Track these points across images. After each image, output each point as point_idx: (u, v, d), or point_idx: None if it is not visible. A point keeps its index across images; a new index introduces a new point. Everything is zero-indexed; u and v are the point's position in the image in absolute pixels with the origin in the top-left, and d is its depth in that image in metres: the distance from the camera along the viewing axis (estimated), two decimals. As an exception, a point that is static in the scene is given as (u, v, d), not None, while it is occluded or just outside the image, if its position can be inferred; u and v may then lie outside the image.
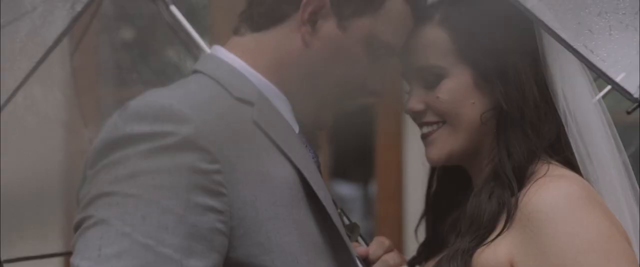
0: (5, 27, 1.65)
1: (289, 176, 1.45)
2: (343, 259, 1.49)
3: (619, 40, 1.33)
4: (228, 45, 1.57)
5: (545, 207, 1.48)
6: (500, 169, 1.56)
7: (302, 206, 1.46)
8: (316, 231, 1.46)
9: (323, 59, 1.53)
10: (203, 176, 1.33)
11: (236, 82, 1.50)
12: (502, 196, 1.54)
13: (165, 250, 1.30)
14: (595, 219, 1.48)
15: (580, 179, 1.54)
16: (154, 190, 1.31)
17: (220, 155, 1.35)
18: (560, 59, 1.57)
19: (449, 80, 1.60)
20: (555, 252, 1.45)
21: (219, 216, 1.34)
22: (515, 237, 1.50)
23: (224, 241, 1.35)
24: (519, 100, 1.57)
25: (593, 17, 1.35)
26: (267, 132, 1.46)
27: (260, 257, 1.38)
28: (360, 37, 1.54)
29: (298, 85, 1.54)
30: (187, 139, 1.33)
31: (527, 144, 1.56)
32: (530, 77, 1.58)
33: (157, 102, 1.36)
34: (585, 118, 1.57)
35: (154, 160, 1.32)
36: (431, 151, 1.64)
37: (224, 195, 1.35)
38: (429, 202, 1.75)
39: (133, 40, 3.94)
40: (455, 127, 1.61)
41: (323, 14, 1.52)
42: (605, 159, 1.57)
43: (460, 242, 1.54)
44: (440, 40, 1.60)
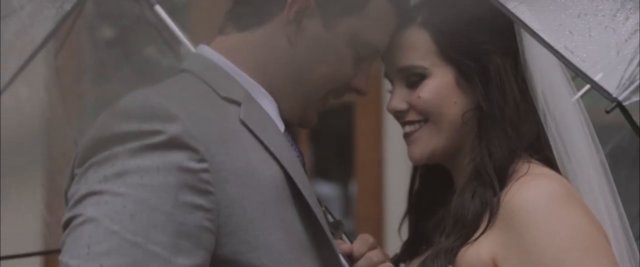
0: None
1: (275, 174, 1.47)
2: (327, 256, 1.51)
3: (598, 41, 1.36)
4: (214, 44, 1.58)
5: (527, 206, 1.50)
6: (481, 168, 1.59)
7: (288, 204, 1.48)
8: (301, 229, 1.48)
9: (308, 58, 1.55)
10: (191, 175, 1.35)
11: (223, 81, 1.52)
12: (484, 195, 1.56)
13: (154, 248, 1.31)
14: (576, 216, 1.51)
15: (560, 178, 1.57)
16: (142, 188, 1.32)
17: (207, 154, 1.37)
18: (540, 59, 1.60)
19: (431, 80, 1.63)
20: (537, 249, 1.48)
21: (206, 214, 1.36)
22: (498, 235, 1.52)
23: (211, 238, 1.37)
24: (499, 100, 1.60)
25: (573, 19, 1.38)
26: (254, 131, 1.48)
27: (247, 255, 1.40)
28: (344, 36, 1.56)
29: (283, 84, 1.56)
30: (175, 138, 1.34)
31: (508, 143, 1.59)
32: (510, 78, 1.61)
33: (146, 101, 1.37)
34: (564, 117, 1.60)
35: (143, 158, 1.33)
36: (414, 150, 1.66)
37: (212, 193, 1.37)
38: (412, 201, 1.77)
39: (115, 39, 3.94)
40: (437, 126, 1.64)
41: (308, 13, 1.54)
42: (583, 158, 1.60)
43: (444, 241, 1.57)
44: (422, 40, 1.63)
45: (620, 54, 1.33)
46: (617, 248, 1.59)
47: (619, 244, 1.60)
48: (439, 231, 1.61)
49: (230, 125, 1.45)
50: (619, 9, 1.36)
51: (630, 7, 1.36)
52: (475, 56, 1.61)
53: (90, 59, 3.86)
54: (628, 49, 1.33)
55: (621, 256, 1.60)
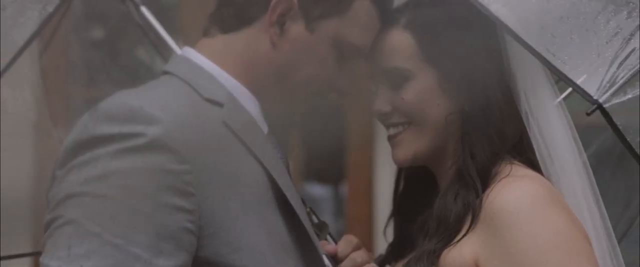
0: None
1: (258, 176, 1.47)
2: (311, 258, 1.52)
3: (580, 44, 1.36)
4: (198, 46, 1.59)
5: (508, 207, 1.51)
6: (464, 170, 1.59)
7: (271, 205, 1.48)
8: (284, 230, 1.48)
9: (291, 60, 1.56)
10: (172, 177, 1.35)
11: (206, 83, 1.52)
12: (467, 197, 1.57)
13: (135, 249, 1.31)
14: (557, 218, 1.51)
15: (543, 179, 1.58)
16: (123, 190, 1.32)
17: (189, 156, 1.37)
18: (522, 62, 1.60)
19: (414, 82, 1.63)
20: (518, 251, 1.48)
21: (188, 216, 1.36)
22: (480, 237, 1.53)
23: (192, 240, 1.37)
24: (482, 102, 1.60)
25: (555, 22, 1.38)
26: (237, 132, 1.48)
27: (228, 256, 1.40)
28: (327, 38, 1.56)
29: (267, 86, 1.57)
30: (156, 140, 1.35)
31: (491, 145, 1.59)
32: (493, 80, 1.61)
33: (127, 103, 1.37)
34: (547, 119, 1.61)
35: (124, 160, 1.33)
36: (397, 152, 1.67)
37: (193, 195, 1.37)
38: (397, 203, 1.78)
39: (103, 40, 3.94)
40: (420, 129, 1.64)
41: (291, 15, 1.54)
42: (565, 160, 1.61)
43: (427, 243, 1.57)
44: (405, 43, 1.63)
45: (601, 56, 1.34)
46: (600, 250, 1.60)
47: (601, 246, 1.60)
48: (422, 233, 1.61)
49: (212, 127, 1.45)
50: (600, 12, 1.37)
51: (612, 10, 1.36)
52: (458, 58, 1.62)
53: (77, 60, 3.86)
54: (609, 52, 1.34)
55: (603, 258, 1.60)
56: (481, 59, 1.62)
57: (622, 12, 1.37)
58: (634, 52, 1.32)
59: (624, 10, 1.36)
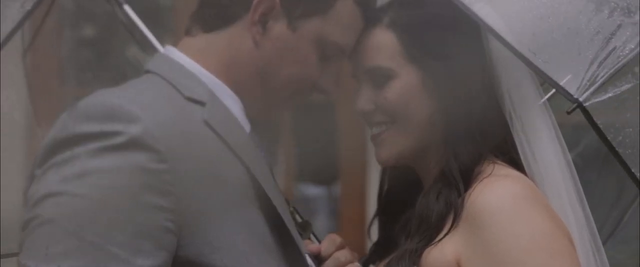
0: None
1: (239, 175, 1.47)
2: (293, 257, 1.51)
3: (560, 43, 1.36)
4: (180, 45, 1.59)
5: (490, 207, 1.51)
6: (447, 169, 1.59)
7: (252, 204, 1.48)
8: (266, 230, 1.48)
9: (273, 59, 1.55)
10: (152, 175, 1.35)
11: (187, 82, 1.52)
12: (449, 196, 1.56)
13: (113, 249, 1.31)
14: (539, 218, 1.51)
15: (525, 179, 1.58)
16: (102, 189, 1.32)
17: (169, 154, 1.37)
18: (506, 61, 1.60)
19: (397, 81, 1.63)
20: (500, 250, 1.48)
21: (167, 215, 1.36)
22: (462, 236, 1.53)
23: (172, 239, 1.37)
24: (465, 102, 1.60)
25: (536, 21, 1.38)
26: (218, 131, 1.48)
27: (209, 256, 1.40)
28: (310, 37, 1.56)
29: (249, 85, 1.56)
30: (135, 139, 1.34)
31: (474, 145, 1.59)
32: (477, 79, 1.61)
33: (107, 101, 1.37)
34: (530, 118, 1.60)
35: (103, 159, 1.33)
36: (381, 152, 1.67)
37: (173, 194, 1.36)
38: (381, 203, 1.78)
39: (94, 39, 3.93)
40: (403, 128, 1.64)
41: (273, 15, 1.54)
42: (549, 160, 1.60)
43: (409, 242, 1.57)
44: (388, 41, 1.63)
45: (582, 55, 1.33)
46: (583, 250, 1.59)
47: (584, 246, 1.60)
48: (404, 232, 1.61)
49: (193, 126, 1.45)
50: (581, 11, 1.37)
51: (593, 9, 1.36)
52: (441, 57, 1.62)
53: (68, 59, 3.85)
54: (590, 51, 1.33)
55: (587, 258, 1.60)
56: (465, 58, 1.62)
57: (603, 12, 1.36)
58: (614, 51, 1.32)
59: (604, 9, 1.35)
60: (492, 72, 1.62)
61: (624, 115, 1.41)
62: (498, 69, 1.62)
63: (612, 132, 1.36)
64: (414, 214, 1.60)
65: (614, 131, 1.38)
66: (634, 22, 1.34)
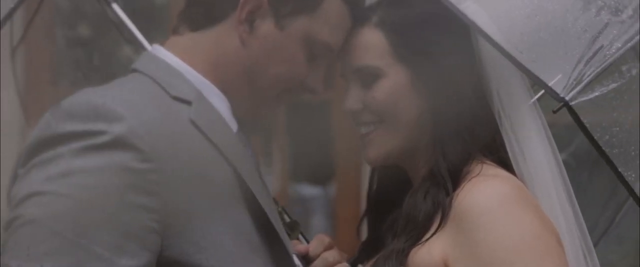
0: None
1: (226, 174, 1.46)
2: (280, 257, 1.51)
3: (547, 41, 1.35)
4: (167, 44, 1.58)
5: (478, 207, 1.50)
6: (435, 169, 1.58)
7: (239, 204, 1.47)
8: (253, 230, 1.47)
9: (261, 58, 1.55)
10: (136, 175, 1.34)
11: (174, 81, 1.51)
12: (437, 195, 1.55)
13: (96, 249, 1.30)
14: (527, 218, 1.50)
15: (513, 179, 1.57)
16: (85, 189, 1.31)
17: (154, 154, 1.36)
18: (495, 61, 1.59)
19: (385, 80, 1.62)
20: (487, 251, 1.47)
21: (151, 215, 1.35)
22: (449, 236, 1.52)
23: (157, 239, 1.36)
24: (454, 101, 1.59)
25: (523, 19, 1.37)
26: (204, 131, 1.47)
27: (194, 256, 1.39)
28: (297, 36, 1.55)
29: (236, 84, 1.56)
30: (119, 138, 1.34)
31: (462, 144, 1.58)
32: (466, 79, 1.60)
33: (90, 100, 1.36)
34: (520, 117, 1.59)
35: (86, 159, 1.32)
36: (369, 151, 1.66)
37: (158, 194, 1.36)
38: (371, 202, 1.77)
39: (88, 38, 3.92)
40: (392, 127, 1.63)
41: (261, 13, 1.53)
42: (539, 160, 1.59)
43: (396, 242, 1.56)
44: (377, 41, 1.62)
45: (569, 54, 1.33)
46: (573, 251, 1.58)
47: (575, 247, 1.59)
48: (392, 231, 1.60)
49: (179, 125, 1.44)
50: (568, 10, 1.36)
51: (580, 8, 1.35)
52: (429, 56, 1.61)
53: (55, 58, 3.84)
54: (577, 49, 1.33)
55: (577, 259, 1.59)
56: (453, 57, 1.61)
57: (590, 10, 1.36)
58: (601, 49, 1.31)
59: (592, 8, 1.35)
60: (481, 71, 1.61)
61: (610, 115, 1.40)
62: (487, 68, 1.61)
63: (599, 131, 1.36)
64: (402, 213, 1.59)
65: (601, 130, 1.37)
66: (621, 21, 1.33)
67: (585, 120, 1.31)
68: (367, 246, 1.74)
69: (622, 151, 1.41)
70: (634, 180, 1.39)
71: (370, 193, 1.77)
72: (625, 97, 1.42)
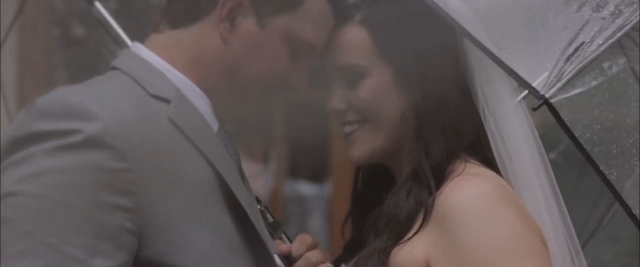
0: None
1: (205, 174, 1.45)
2: (261, 257, 1.49)
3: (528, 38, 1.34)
4: (147, 42, 1.56)
5: (460, 206, 1.48)
6: (418, 168, 1.57)
7: (218, 204, 1.45)
8: (232, 229, 1.46)
9: (242, 56, 1.53)
10: (111, 175, 1.32)
11: (153, 79, 1.49)
12: (419, 194, 1.54)
13: (70, 249, 1.29)
14: (510, 218, 1.48)
15: (497, 178, 1.55)
16: (59, 189, 1.30)
17: (130, 153, 1.35)
18: (479, 57, 1.57)
19: (369, 79, 1.61)
20: (469, 251, 1.46)
21: (127, 215, 1.34)
22: (431, 235, 1.50)
23: (132, 239, 1.34)
24: (437, 99, 1.57)
25: (503, 15, 1.35)
26: (183, 130, 1.46)
27: (171, 256, 1.37)
28: (279, 34, 1.54)
29: (217, 83, 1.54)
30: (94, 137, 1.32)
31: (446, 143, 1.57)
32: (449, 77, 1.58)
33: (64, 98, 1.35)
34: (505, 117, 1.58)
35: (60, 158, 1.31)
36: (354, 150, 1.65)
37: (133, 193, 1.34)
38: (355, 201, 1.75)
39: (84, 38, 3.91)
40: (376, 126, 1.61)
41: (242, 11, 1.52)
42: (524, 158, 1.58)
43: (377, 241, 1.55)
44: (360, 39, 1.61)
45: (550, 50, 1.31)
46: (560, 252, 1.57)
47: (561, 247, 1.57)
48: (374, 230, 1.59)
49: (157, 124, 1.43)
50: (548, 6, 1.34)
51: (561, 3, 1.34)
52: (413, 55, 1.59)
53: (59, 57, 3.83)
54: (557, 46, 1.31)
55: (563, 259, 1.57)
56: (437, 55, 1.59)
57: (571, 6, 1.34)
58: (582, 46, 1.29)
59: (573, 4, 1.33)
60: (466, 69, 1.59)
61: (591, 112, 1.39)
62: (472, 65, 1.59)
63: (580, 129, 1.34)
64: (383, 211, 1.57)
65: (582, 128, 1.35)
66: (602, 17, 1.31)
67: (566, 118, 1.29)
68: (350, 245, 1.72)
69: (604, 149, 1.39)
70: (616, 178, 1.37)
71: (354, 192, 1.76)
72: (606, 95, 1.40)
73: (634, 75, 1.45)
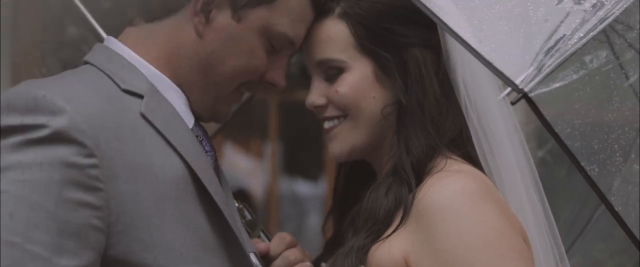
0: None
1: (177, 170, 1.41)
2: (236, 255, 1.46)
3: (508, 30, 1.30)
4: (122, 36, 1.53)
5: (438, 203, 1.45)
6: (398, 164, 1.53)
7: (191, 201, 1.42)
8: (207, 227, 1.42)
9: (217, 50, 1.50)
10: (77, 170, 1.29)
11: (126, 74, 1.46)
12: (399, 191, 1.50)
13: (34, 248, 1.25)
14: (488, 214, 1.44)
15: (478, 174, 1.51)
16: (23, 185, 1.26)
17: (97, 148, 1.31)
18: (462, 51, 1.53)
19: (349, 73, 1.57)
20: (447, 248, 1.42)
21: (94, 212, 1.30)
22: (410, 233, 1.47)
23: (100, 237, 1.31)
24: (419, 94, 1.54)
25: (483, 7, 1.32)
26: (156, 125, 1.42)
27: (141, 254, 1.34)
28: (255, 28, 1.50)
29: (192, 77, 1.51)
30: (60, 132, 1.29)
31: (427, 139, 1.53)
32: (430, 71, 1.55)
33: (30, 92, 1.31)
34: (488, 112, 1.54)
35: (24, 153, 1.27)
36: (334, 146, 1.61)
37: (101, 190, 1.31)
38: (337, 198, 1.72)
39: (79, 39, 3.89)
40: (356, 122, 1.58)
41: (217, 4, 1.48)
42: (507, 154, 1.54)
43: (355, 238, 1.51)
44: (340, 33, 1.57)
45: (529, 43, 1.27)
46: (543, 249, 1.53)
47: (544, 245, 1.54)
48: (352, 227, 1.55)
49: (128, 119, 1.39)
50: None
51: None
52: (394, 49, 1.56)
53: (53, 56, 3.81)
54: (537, 39, 1.27)
55: (546, 255, 1.54)
56: (419, 49, 1.56)
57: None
58: (563, 39, 1.25)
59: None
60: (448, 63, 1.56)
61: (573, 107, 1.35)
62: (454, 59, 1.56)
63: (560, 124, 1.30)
64: (361, 208, 1.54)
65: (563, 123, 1.31)
66: (583, 10, 1.27)
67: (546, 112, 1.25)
68: (331, 243, 1.69)
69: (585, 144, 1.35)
70: (597, 174, 1.33)
71: (336, 189, 1.72)
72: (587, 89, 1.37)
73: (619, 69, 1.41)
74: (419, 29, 1.56)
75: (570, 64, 1.30)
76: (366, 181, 1.65)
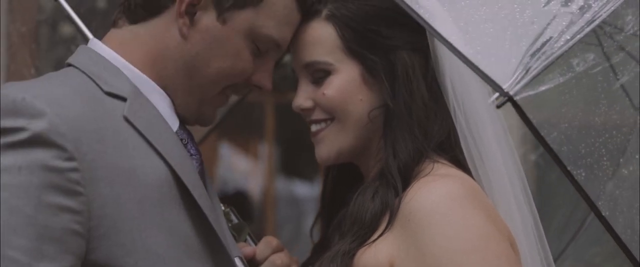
0: None
1: (161, 174, 1.40)
2: (220, 260, 1.44)
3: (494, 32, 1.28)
4: (106, 38, 1.52)
5: (425, 208, 1.43)
6: (385, 168, 1.51)
7: (175, 205, 1.40)
8: (191, 232, 1.41)
9: (202, 53, 1.48)
10: (57, 174, 1.27)
11: (109, 76, 1.44)
12: (385, 195, 1.49)
13: (12, 253, 1.24)
14: (477, 219, 1.43)
15: (465, 178, 1.50)
16: (1, 189, 1.25)
17: (77, 152, 1.30)
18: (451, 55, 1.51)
19: (336, 76, 1.56)
20: (433, 253, 1.41)
21: (74, 216, 1.29)
22: (396, 238, 1.45)
23: (80, 242, 1.29)
24: (406, 98, 1.52)
25: (469, 9, 1.30)
26: (139, 128, 1.41)
27: (122, 259, 1.32)
28: (241, 30, 1.49)
29: (177, 80, 1.49)
30: (39, 135, 1.27)
31: (414, 143, 1.52)
32: (418, 75, 1.53)
33: (10, 95, 1.30)
34: (477, 116, 1.53)
35: (3, 157, 1.26)
36: (320, 150, 1.60)
37: (81, 194, 1.29)
38: (325, 202, 1.70)
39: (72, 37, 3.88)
40: (343, 125, 1.56)
41: (202, 5, 1.47)
42: (496, 158, 1.53)
43: (341, 243, 1.49)
44: (327, 35, 1.56)
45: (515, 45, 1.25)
46: (531, 253, 1.51)
47: (532, 250, 1.52)
48: (338, 231, 1.53)
49: (111, 122, 1.38)
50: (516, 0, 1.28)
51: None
52: (381, 51, 1.54)
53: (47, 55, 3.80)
54: (523, 41, 1.25)
55: (533, 260, 1.52)
56: (407, 52, 1.54)
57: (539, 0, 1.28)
58: (549, 42, 1.24)
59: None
60: (436, 66, 1.54)
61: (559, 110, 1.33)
62: (442, 62, 1.54)
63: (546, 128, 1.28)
64: (348, 212, 1.52)
65: (549, 127, 1.29)
66: (570, 12, 1.26)
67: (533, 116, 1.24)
68: (318, 247, 1.67)
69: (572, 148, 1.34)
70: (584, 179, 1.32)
71: (324, 193, 1.70)
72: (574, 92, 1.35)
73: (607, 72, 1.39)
74: (407, 32, 1.54)
75: (557, 67, 1.28)
76: (354, 184, 1.64)
